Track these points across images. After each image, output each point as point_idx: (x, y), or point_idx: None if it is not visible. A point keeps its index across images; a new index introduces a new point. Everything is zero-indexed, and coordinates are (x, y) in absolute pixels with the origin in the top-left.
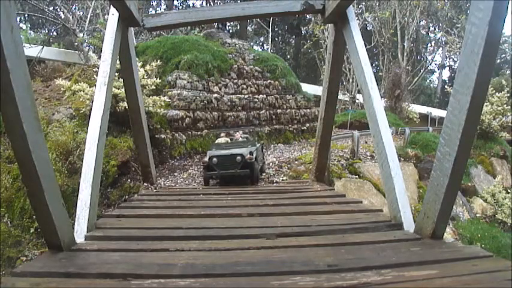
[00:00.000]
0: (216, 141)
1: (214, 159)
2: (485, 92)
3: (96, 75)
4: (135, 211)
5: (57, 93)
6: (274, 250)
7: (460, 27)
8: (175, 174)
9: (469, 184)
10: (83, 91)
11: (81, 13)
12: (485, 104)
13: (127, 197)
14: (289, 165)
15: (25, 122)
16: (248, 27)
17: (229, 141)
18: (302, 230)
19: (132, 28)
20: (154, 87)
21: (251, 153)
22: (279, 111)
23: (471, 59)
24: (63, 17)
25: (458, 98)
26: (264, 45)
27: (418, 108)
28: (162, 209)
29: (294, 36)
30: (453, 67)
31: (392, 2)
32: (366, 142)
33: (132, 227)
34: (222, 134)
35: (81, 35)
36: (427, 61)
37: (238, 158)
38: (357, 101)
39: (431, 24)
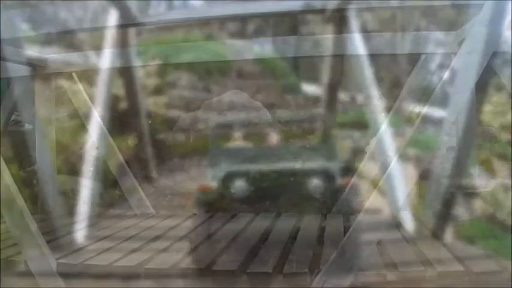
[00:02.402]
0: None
1: (239, 182)
2: (485, 92)
3: (96, 75)
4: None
5: (57, 93)
6: None
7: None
8: (175, 174)
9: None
10: (83, 91)
11: (81, 13)
12: (485, 104)
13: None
14: None
15: (25, 122)
16: (248, 27)
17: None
18: None
19: (132, 28)
20: (155, 87)
21: (346, 170)
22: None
23: (471, 59)
24: (63, 17)
25: (459, 98)
26: (264, 45)
27: (418, 109)
28: None
29: (294, 37)
30: (453, 67)
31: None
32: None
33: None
34: (238, 134)
35: (81, 35)
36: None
37: (316, 182)
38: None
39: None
